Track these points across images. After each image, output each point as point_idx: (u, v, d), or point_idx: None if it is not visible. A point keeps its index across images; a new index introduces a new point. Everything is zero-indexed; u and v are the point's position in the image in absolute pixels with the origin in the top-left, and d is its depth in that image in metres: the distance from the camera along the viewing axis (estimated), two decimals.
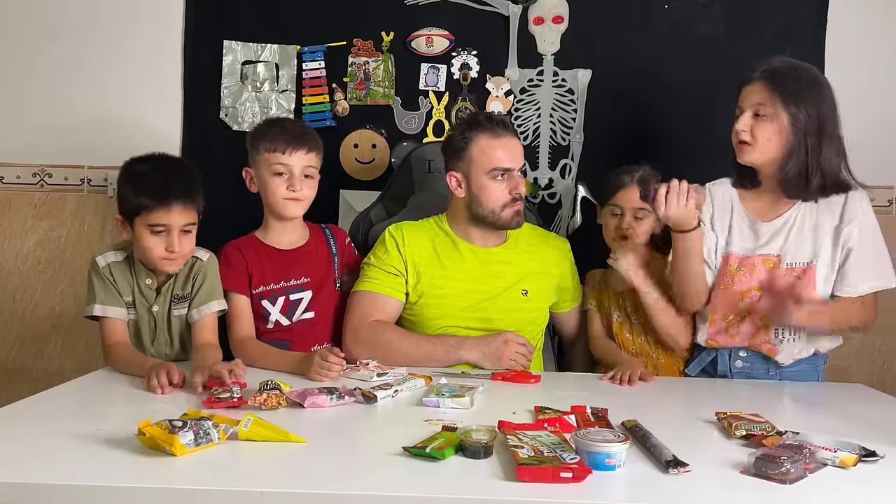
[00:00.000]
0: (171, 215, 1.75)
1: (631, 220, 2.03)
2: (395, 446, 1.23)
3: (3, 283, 2.63)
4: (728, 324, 1.93)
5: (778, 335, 1.89)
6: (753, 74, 1.86)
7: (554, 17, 2.52)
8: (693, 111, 2.50)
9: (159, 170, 1.82)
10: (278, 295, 1.97)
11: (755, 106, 1.84)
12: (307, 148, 1.96)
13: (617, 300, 2.10)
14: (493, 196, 1.97)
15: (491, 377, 1.78)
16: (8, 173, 2.61)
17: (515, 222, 2.00)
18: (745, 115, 1.85)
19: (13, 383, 2.58)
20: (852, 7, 2.50)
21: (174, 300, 1.86)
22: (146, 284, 1.84)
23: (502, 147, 1.96)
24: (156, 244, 1.76)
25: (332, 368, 1.70)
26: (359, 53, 2.55)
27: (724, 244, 1.95)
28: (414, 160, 2.34)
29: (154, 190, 1.76)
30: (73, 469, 1.13)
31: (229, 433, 1.25)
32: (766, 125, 1.83)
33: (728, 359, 1.95)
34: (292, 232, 2.03)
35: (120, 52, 2.58)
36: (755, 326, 1.90)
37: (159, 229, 1.76)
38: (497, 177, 1.96)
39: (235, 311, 1.93)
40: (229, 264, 1.95)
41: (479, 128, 1.98)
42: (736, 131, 1.86)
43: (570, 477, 1.11)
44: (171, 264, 1.80)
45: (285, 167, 1.93)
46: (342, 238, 2.12)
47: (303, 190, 1.95)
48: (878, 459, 1.26)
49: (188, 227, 1.79)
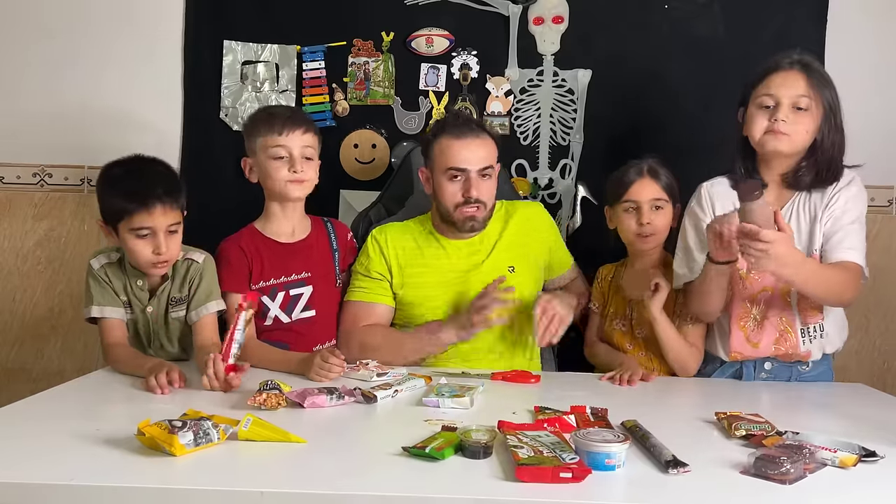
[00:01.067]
0: (154, 217, 1.73)
1: (650, 213, 1.96)
2: (395, 446, 1.23)
3: (3, 283, 2.62)
4: (747, 333, 1.88)
5: (805, 336, 1.85)
6: (783, 62, 1.81)
7: (554, 17, 2.52)
8: (693, 111, 2.49)
9: (136, 171, 1.80)
10: (278, 290, 1.96)
11: (795, 98, 1.79)
12: (303, 128, 1.95)
13: (623, 309, 2.03)
14: (447, 196, 1.96)
15: (491, 377, 1.78)
16: (8, 173, 2.61)
17: (469, 226, 1.97)
18: (784, 105, 1.79)
19: (13, 383, 2.58)
20: (852, 7, 2.49)
21: (171, 303, 1.86)
22: (138, 286, 1.84)
23: (461, 147, 1.94)
24: (143, 248, 1.75)
25: (332, 369, 1.70)
26: (359, 53, 2.55)
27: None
28: (413, 159, 2.34)
29: (133, 193, 1.74)
30: (72, 469, 1.14)
31: (229, 433, 1.25)
32: (805, 116, 1.79)
33: (753, 370, 1.91)
34: (293, 221, 2.01)
35: (120, 52, 2.57)
36: (777, 331, 1.86)
37: (144, 232, 1.74)
38: (452, 177, 1.95)
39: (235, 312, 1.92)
40: (229, 264, 1.93)
41: (444, 126, 1.99)
42: (772, 123, 1.79)
43: (570, 477, 1.11)
44: (160, 267, 1.79)
45: (284, 149, 1.92)
46: (344, 233, 2.11)
47: (304, 171, 1.94)
48: (878, 459, 1.26)
49: (173, 227, 1.77)
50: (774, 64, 1.83)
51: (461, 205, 1.95)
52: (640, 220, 1.98)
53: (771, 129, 1.80)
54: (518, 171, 2.54)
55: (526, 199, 2.46)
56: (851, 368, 2.48)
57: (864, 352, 2.55)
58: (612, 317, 2.05)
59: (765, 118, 1.81)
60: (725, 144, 2.02)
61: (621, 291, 2.07)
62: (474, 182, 1.94)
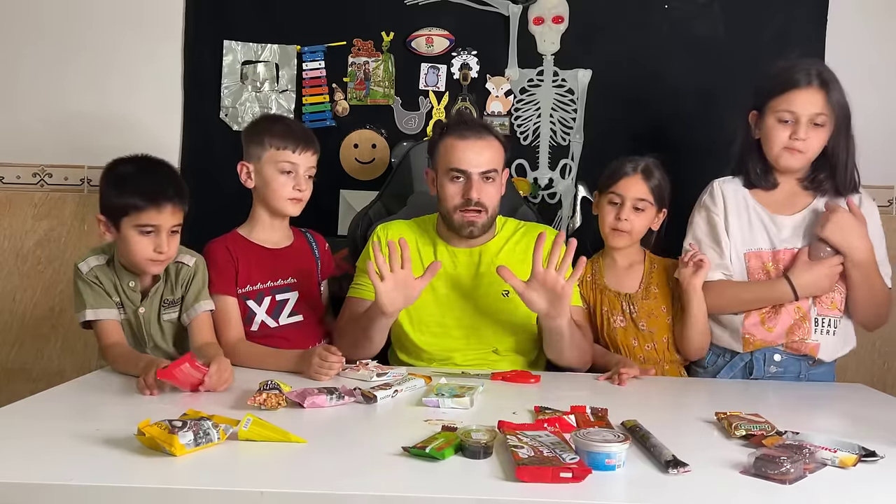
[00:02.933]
0: (163, 216, 1.75)
1: (629, 211, 1.98)
2: (395, 446, 1.23)
3: (3, 283, 2.62)
4: (763, 317, 1.92)
5: (818, 326, 1.90)
6: (803, 78, 1.85)
7: (554, 17, 2.52)
8: (693, 111, 2.50)
9: (148, 170, 1.81)
10: (264, 295, 1.95)
11: (814, 116, 1.85)
12: (313, 149, 1.97)
13: (618, 304, 2.01)
14: (447, 196, 1.93)
15: (491, 377, 1.78)
16: (8, 173, 2.61)
17: (468, 231, 1.93)
18: (803, 124, 1.85)
19: (13, 383, 2.58)
20: (852, 7, 2.50)
21: (164, 305, 1.85)
22: (130, 287, 1.83)
23: (464, 148, 1.90)
24: (145, 245, 1.75)
25: (331, 367, 1.69)
26: (359, 53, 2.55)
27: (741, 243, 1.94)
28: (413, 158, 2.34)
29: (145, 190, 1.75)
30: (72, 469, 1.13)
31: (229, 433, 1.25)
32: (821, 132, 1.86)
33: (763, 364, 1.93)
34: (280, 231, 2.02)
35: (120, 53, 2.58)
36: (792, 319, 1.90)
37: (149, 230, 1.75)
38: (453, 178, 1.92)
39: (224, 314, 1.89)
40: (216, 265, 1.91)
41: (450, 127, 1.96)
42: (792, 140, 1.86)
43: (570, 477, 1.11)
44: (157, 266, 1.79)
45: (293, 166, 1.92)
46: (322, 243, 2.11)
47: (305, 190, 1.95)
48: (878, 459, 1.26)
49: (175, 228, 1.78)
50: (795, 80, 1.86)
51: (461, 207, 1.91)
52: (618, 215, 1.98)
53: (790, 146, 1.87)
54: (518, 171, 2.54)
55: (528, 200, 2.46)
56: (851, 368, 2.47)
57: (864, 352, 2.55)
58: (609, 315, 2.03)
59: (784, 133, 1.87)
60: (725, 144, 2.03)
61: (607, 288, 2.04)
62: (475, 184, 1.90)
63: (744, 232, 1.94)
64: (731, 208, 1.95)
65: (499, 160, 1.95)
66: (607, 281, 2.05)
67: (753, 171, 1.95)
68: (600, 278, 2.06)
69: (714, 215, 1.96)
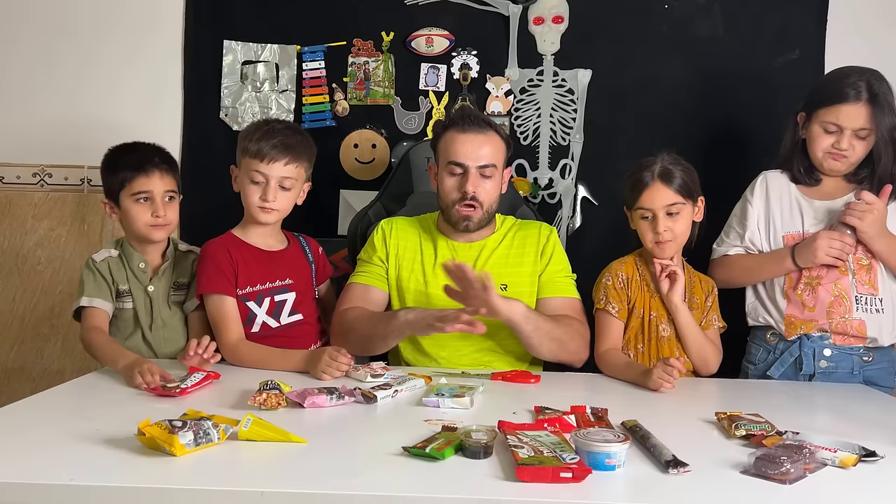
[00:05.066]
0: (153, 181, 1.88)
1: (665, 220, 1.87)
2: (395, 446, 1.23)
3: (3, 283, 2.62)
4: (801, 296, 1.95)
5: (859, 304, 1.92)
6: (851, 92, 1.89)
7: (554, 17, 2.52)
8: (693, 111, 2.50)
9: (134, 148, 1.95)
10: (264, 296, 1.94)
11: (858, 129, 1.90)
12: (287, 159, 1.89)
13: (666, 312, 1.90)
14: (445, 190, 1.94)
15: (491, 377, 1.78)
16: (8, 173, 2.61)
17: (463, 226, 1.94)
18: (846, 136, 1.90)
19: (13, 383, 2.58)
20: (852, 7, 2.50)
21: (174, 286, 1.94)
22: (140, 269, 1.92)
23: (463, 141, 1.90)
24: (142, 212, 1.88)
25: (340, 367, 1.70)
26: (359, 53, 2.55)
27: (780, 226, 2.01)
28: (413, 157, 2.34)
29: (133, 161, 1.90)
30: (72, 469, 1.13)
31: (229, 433, 1.25)
32: (864, 144, 1.93)
33: (813, 359, 1.94)
34: (271, 236, 2.00)
35: (120, 52, 2.58)
36: (831, 295, 1.93)
37: (143, 197, 1.88)
38: (452, 172, 1.92)
39: (225, 315, 1.87)
40: (217, 265, 1.90)
41: (453, 121, 1.96)
42: (835, 149, 1.92)
43: (570, 477, 1.11)
44: (158, 231, 1.90)
45: (262, 175, 1.89)
46: (316, 248, 2.10)
47: (276, 201, 1.90)
48: (878, 459, 1.26)
49: (171, 194, 1.91)
50: (845, 93, 1.90)
51: (457, 201, 1.92)
52: (655, 229, 1.88)
53: (833, 152, 1.93)
54: (518, 171, 2.54)
55: (528, 200, 2.46)
56: None
57: None
58: (657, 321, 1.91)
59: (828, 141, 1.94)
60: (725, 144, 2.03)
61: (656, 292, 1.93)
62: (472, 179, 1.90)
63: (784, 216, 2.01)
64: (772, 196, 2.03)
65: (499, 156, 1.95)
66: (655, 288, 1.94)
67: (798, 168, 2.01)
68: (648, 277, 1.95)
69: (749, 204, 2.05)
